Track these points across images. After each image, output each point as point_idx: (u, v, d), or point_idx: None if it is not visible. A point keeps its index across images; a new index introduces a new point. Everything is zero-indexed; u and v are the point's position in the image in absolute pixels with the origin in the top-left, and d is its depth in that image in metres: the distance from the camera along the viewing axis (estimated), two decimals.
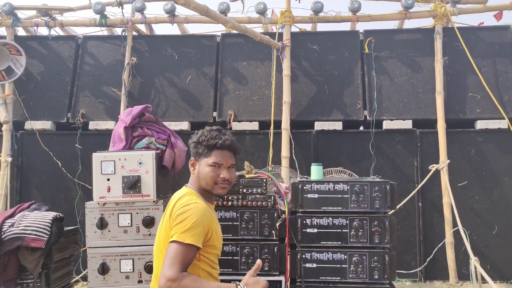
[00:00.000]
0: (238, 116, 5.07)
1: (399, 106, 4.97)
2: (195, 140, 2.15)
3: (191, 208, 1.95)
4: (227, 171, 2.12)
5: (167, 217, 2.01)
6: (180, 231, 1.89)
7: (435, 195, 4.78)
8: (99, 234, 2.66)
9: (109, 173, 2.63)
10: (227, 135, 2.18)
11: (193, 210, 1.94)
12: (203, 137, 2.13)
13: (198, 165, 2.14)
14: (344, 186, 2.62)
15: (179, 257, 1.84)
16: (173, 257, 1.83)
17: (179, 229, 1.89)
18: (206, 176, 2.09)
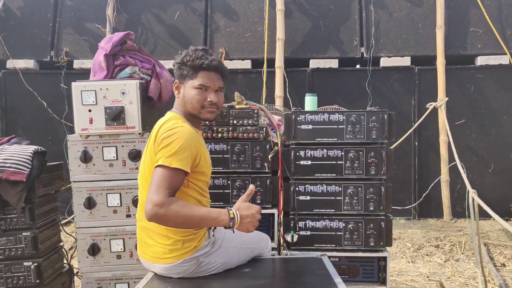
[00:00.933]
0: (230, 54, 4.87)
1: (397, 43, 4.77)
2: (179, 61, 1.98)
3: (177, 132, 1.81)
4: (215, 94, 1.96)
5: (151, 143, 1.88)
6: (166, 155, 1.75)
7: (431, 134, 4.69)
8: (83, 168, 2.54)
9: (90, 104, 2.48)
10: (213, 56, 2.00)
11: (179, 133, 1.81)
12: (187, 57, 1.95)
13: (183, 88, 1.98)
14: (340, 117, 2.49)
15: (166, 181, 1.72)
16: (159, 181, 1.71)
17: (165, 153, 1.76)
18: (192, 99, 1.93)
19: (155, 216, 1.67)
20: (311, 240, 2.50)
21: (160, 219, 1.69)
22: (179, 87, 2.00)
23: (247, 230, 1.79)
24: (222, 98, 2.04)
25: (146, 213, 1.68)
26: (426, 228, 4.33)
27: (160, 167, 1.75)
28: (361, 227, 2.48)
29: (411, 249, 3.84)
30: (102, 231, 2.59)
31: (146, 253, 1.94)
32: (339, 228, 2.49)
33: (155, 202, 1.66)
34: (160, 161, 1.76)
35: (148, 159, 1.89)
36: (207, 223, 1.76)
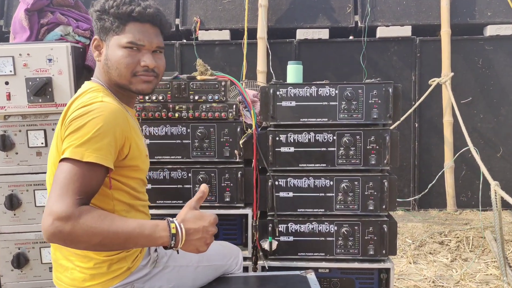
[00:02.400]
0: (206, 23, 4.28)
1: (396, 10, 4.21)
2: (99, 8, 1.35)
3: (93, 109, 1.23)
4: (151, 56, 1.37)
5: (58, 126, 1.31)
6: (76, 144, 1.18)
7: (434, 114, 4.17)
8: (3, 158, 1.97)
9: (7, 74, 1.89)
10: (149, 1, 1.39)
11: (96, 111, 1.22)
12: (111, 1, 1.36)
13: (105, 47, 1.38)
14: (332, 91, 1.94)
15: (75, 183, 1.15)
16: (64, 183, 1.14)
17: (75, 141, 1.19)
18: (118, 64, 1.34)
19: (57, 235, 1.11)
20: (294, 247, 1.98)
21: (66, 239, 1.13)
22: (99, 46, 1.40)
23: (196, 250, 1.24)
24: (163, 61, 1.44)
25: (45, 231, 1.12)
26: (428, 221, 3.84)
27: (66, 162, 1.18)
28: (358, 231, 1.96)
29: (412, 247, 3.35)
30: (30, 238, 2.04)
31: (62, 280, 1.39)
32: (330, 232, 1.97)
33: (58, 214, 1.10)
34: (67, 152, 1.18)
35: (54, 150, 1.33)
36: (137, 242, 1.19)
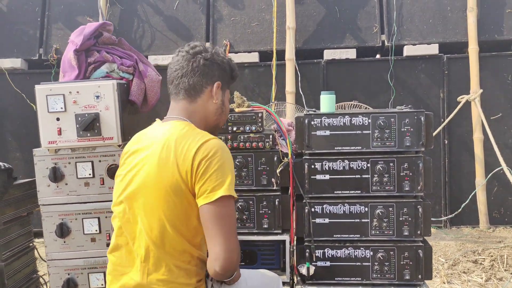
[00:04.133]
0: (235, 46, 4.40)
1: (423, 28, 4.24)
2: (226, 61, 1.60)
3: (222, 148, 1.41)
4: None
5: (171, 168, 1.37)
6: (225, 183, 1.35)
7: (464, 131, 4.16)
8: (54, 188, 2.11)
9: (58, 111, 2.04)
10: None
11: (224, 150, 1.42)
12: (231, 64, 1.65)
13: (221, 94, 1.61)
14: (365, 120, 2.00)
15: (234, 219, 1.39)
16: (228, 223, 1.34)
17: (221, 179, 1.35)
18: (227, 110, 1.69)
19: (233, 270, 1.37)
20: (331, 272, 2.03)
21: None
22: (218, 93, 1.57)
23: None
24: None
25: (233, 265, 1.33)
26: (460, 239, 3.82)
27: (220, 202, 1.33)
28: (394, 256, 2.00)
29: (445, 266, 3.34)
30: (79, 264, 2.16)
31: None
32: (366, 257, 2.02)
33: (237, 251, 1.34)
34: (220, 192, 1.33)
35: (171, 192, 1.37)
36: None
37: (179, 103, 1.53)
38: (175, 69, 1.52)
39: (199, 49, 1.53)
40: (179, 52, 1.56)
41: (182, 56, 1.52)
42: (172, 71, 1.54)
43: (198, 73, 1.50)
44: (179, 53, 1.56)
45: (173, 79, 1.53)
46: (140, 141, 1.50)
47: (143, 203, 1.39)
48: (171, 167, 1.35)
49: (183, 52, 1.54)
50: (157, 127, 1.51)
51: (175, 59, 1.55)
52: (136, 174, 1.42)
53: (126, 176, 1.45)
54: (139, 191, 1.40)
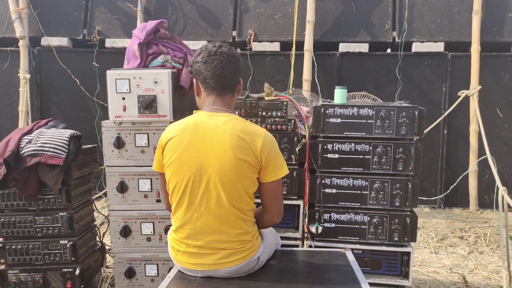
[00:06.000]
0: (259, 36, 4.85)
1: (431, 27, 4.66)
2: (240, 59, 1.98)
3: (274, 139, 1.94)
4: None
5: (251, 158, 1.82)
6: (282, 166, 1.92)
7: (462, 123, 4.61)
8: (117, 153, 2.62)
9: (124, 92, 2.54)
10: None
11: (275, 141, 1.95)
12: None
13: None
14: (369, 111, 2.48)
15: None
16: (281, 194, 2.00)
17: (281, 164, 1.91)
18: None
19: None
20: (335, 232, 2.54)
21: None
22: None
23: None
24: None
25: (277, 221, 2.02)
26: (451, 218, 4.32)
27: (280, 180, 1.93)
28: (386, 222, 2.50)
29: (435, 239, 3.85)
30: (134, 215, 2.69)
31: (209, 260, 1.88)
32: (364, 222, 2.53)
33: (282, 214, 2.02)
34: (279, 173, 1.90)
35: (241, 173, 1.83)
36: None
37: (224, 97, 1.90)
38: (220, 68, 1.84)
39: (234, 51, 1.93)
40: (219, 54, 1.86)
41: (224, 57, 1.85)
42: (216, 70, 1.84)
43: (237, 72, 1.94)
44: (219, 54, 1.85)
45: (218, 77, 1.85)
46: (193, 130, 1.84)
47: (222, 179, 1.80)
48: (244, 152, 1.80)
49: (224, 54, 1.86)
50: (211, 118, 1.86)
51: (218, 60, 1.84)
52: (208, 156, 1.81)
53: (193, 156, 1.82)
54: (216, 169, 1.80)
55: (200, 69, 1.87)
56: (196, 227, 1.84)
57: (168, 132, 1.89)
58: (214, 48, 1.88)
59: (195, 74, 1.93)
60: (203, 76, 1.88)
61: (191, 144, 1.82)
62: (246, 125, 1.88)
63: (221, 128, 1.83)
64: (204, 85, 1.90)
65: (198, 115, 1.91)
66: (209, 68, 1.85)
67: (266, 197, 1.94)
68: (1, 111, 4.97)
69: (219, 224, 1.83)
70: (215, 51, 1.87)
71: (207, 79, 1.87)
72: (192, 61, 1.94)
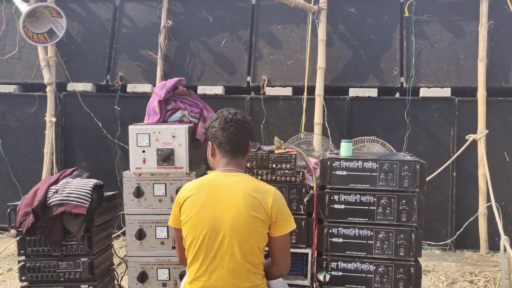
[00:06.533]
0: (272, 81, 5.07)
1: (438, 73, 4.82)
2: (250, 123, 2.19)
3: (282, 196, 2.11)
4: None
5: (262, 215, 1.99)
6: (290, 221, 2.08)
7: (470, 166, 4.70)
8: (136, 202, 2.81)
9: (144, 146, 2.74)
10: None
11: (282, 197, 2.12)
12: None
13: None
14: (373, 164, 2.63)
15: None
16: (288, 247, 2.14)
17: (288, 219, 2.08)
18: None
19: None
20: (342, 280, 2.65)
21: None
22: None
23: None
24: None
25: (285, 273, 2.16)
26: (461, 261, 4.36)
27: (288, 233, 2.07)
28: (391, 271, 2.61)
29: (445, 284, 3.89)
30: (150, 261, 2.85)
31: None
32: (370, 271, 2.64)
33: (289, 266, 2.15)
34: (288, 227, 2.06)
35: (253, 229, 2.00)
36: None
37: (237, 159, 2.11)
38: (235, 134, 2.06)
39: (246, 118, 2.15)
40: (234, 121, 2.07)
41: (239, 125, 2.07)
42: (232, 136, 2.06)
43: (248, 137, 2.16)
44: (235, 121, 2.07)
45: (233, 142, 2.06)
46: (209, 189, 2.02)
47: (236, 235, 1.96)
48: (256, 210, 1.98)
49: (239, 121, 2.08)
50: (225, 178, 2.04)
51: (233, 127, 2.06)
52: (223, 213, 1.97)
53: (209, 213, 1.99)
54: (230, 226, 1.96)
55: (216, 134, 2.08)
56: (210, 280, 1.99)
57: (185, 191, 2.07)
58: (230, 115, 2.09)
59: (211, 137, 2.12)
60: (219, 140, 2.08)
61: (207, 202, 2.00)
62: (257, 184, 2.06)
63: (235, 187, 2.01)
64: (220, 149, 2.10)
65: (213, 175, 2.09)
66: (226, 134, 2.06)
67: (275, 250, 2.09)
68: (27, 152, 5.24)
69: (231, 278, 1.98)
70: (231, 118, 2.08)
71: (223, 143, 2.08)
72: (208, 126, 2.14)
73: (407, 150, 4.70)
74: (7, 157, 5.20)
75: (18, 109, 5.24)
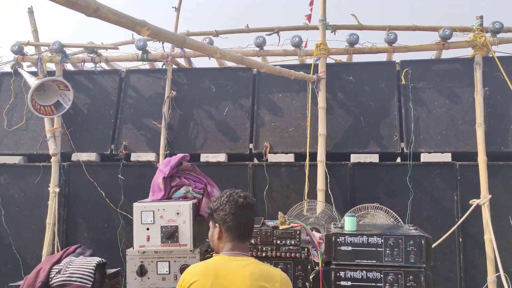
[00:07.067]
0: (274, 147, 5.13)
1: (437, 138, 4.89)
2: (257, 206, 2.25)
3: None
4: None
5: None
6: None
7: (476, 231, 4.64)
8: (139, 281, 2.77)
9: (148, 223, 2.75)
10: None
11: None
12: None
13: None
14: (378, 239, 2.62)
15: None
16: None
17: None
18: None
19: None
20: None
21: None
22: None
23: None
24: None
25: None
26: None
27: None
28: None
29: None
30: None
31: None
32: None
33: None
34: None
35: None
36: None
37: (244, 243, 2.13)
38: (245, 219, 2.11)
39: (254, 201, 2.19)
40: (245, 206, 2.13)
41: (250, 209, 2.13)
42: (242, 221, 2.10)
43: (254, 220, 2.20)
44: (246, 206, 2.13)
45: (243, 227, 2.10)
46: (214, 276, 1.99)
47: None
48: None
49: (249, 206, 2.13)
50: (230, 263, 2.04)
51: (244, 212, 2.11)
52: None
53: None
54: None
55: (226, 218, 2.09)
56: None
57: (190, 275, 2.05)
58: (241, 199, 2.11)
59: (219, 220, 2.12)
60: (228, 225, 2.08)
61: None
62: (263, 269, 2.05)
63: (242, 273, 1.99)
64: (228, 233, 2.10)
65: (218, 258, 2.08)
66: (236, 219, 2.08)
67: None
68: (29, 223, 5.22)
69: None
70: (242, 202, 2.11)
71: (232, 228, 2.09)
72: (216, 207, 2.14)
73: (411, 216, 4.68)
74: (9, 229, 5.17)
75: (22, 180, 5.29)
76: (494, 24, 4.82)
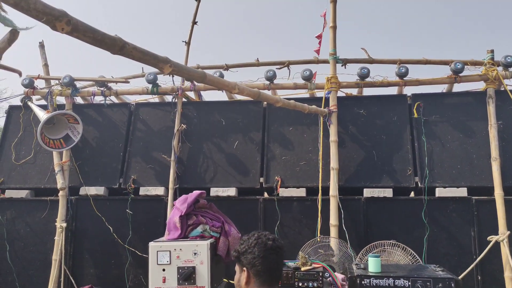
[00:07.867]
0: (285, 182, 5.05)
1: (452, 173, 4.81)
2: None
3: None
4: None
5: None
6: None
7: (495, 268, 4.51)
8: None
9: (164, 264, 2.65)
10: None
11: None
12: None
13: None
14: (405, 282, 2.51)
15: None
16: None
17: None
18: None
19: None
20: None
21: None
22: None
23: None
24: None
25: None
26: None
27: None
28: None
29: None
30: None
31: None
32: None
33: None
34: None
35: None
36: None
37: (273, 287, 2.03)
38: (275, 263, 2.00)
39: (282, 243, 2.10)
40: (275, 249, 2.03)
41: (278, 252, 2.04)
42: (272, 265, 1.99)
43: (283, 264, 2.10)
44: (275, 249, 2.03)
45: (273, 271, 1.99)
46: None
47: None
48: None
49: (278, 249, 2.03)
50: None
51: (274, 255, 2.01)
52: None
53: None
54: None
55: (255, 262, 1.97)
56: None
57: None
58: (270, 242, 2.01)
59: (247, 264, 2.01)
60: (257, 269, 1.97)
61: None
62: None
63: None
64: (257, 278, 1.99)
65: None
66: (266, 263, 1.97)
67: None
68: (34, 259, 5.09)
69: None
70: (271, 245, 2.00)
71: (261, 272, 1.97)
72: (244, 251, 2.03)
73: (427, 252, 4.55)
74: (13, 265, 5.04)
75: (29, 214, 5.19)
76: (506, 58, 4.83)
